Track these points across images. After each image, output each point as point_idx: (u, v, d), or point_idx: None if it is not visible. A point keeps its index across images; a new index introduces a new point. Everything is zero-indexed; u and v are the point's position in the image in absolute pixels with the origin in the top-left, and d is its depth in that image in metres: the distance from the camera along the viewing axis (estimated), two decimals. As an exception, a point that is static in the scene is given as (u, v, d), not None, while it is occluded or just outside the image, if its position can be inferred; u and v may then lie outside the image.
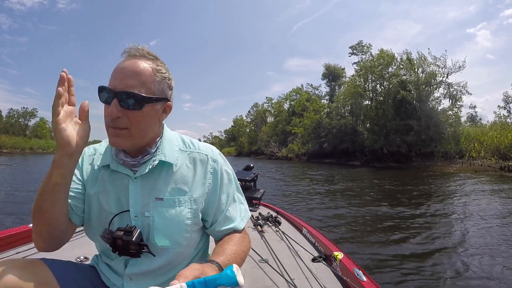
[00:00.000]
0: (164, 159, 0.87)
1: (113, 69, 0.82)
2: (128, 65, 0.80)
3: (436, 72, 27.44)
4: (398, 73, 29.06)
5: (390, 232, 4.86)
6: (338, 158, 32.08)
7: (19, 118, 61.03)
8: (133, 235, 0.79)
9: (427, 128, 25.56)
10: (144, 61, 0.81)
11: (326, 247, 1.97)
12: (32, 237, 0.84)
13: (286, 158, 42.36)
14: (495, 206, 7.10)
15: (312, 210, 6.79)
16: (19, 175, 13.75)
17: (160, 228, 0.85)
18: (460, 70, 26.67)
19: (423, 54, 28.20)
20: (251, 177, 3.85)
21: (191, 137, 0.99)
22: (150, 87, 0.80)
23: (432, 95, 27.80)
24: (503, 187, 10.75)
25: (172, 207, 0.86)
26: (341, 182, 12.98)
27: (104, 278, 0.91)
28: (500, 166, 17.75)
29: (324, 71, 49.34)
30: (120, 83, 0.78)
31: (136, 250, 0.80)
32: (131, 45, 0.84)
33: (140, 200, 0.85)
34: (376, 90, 31.93)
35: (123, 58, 0.83)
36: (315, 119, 37.81)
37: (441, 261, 3.57)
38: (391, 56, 29.67)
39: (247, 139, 67.15)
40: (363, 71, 32.01)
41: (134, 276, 0.86)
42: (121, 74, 0.79)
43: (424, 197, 8.76)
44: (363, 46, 39.99)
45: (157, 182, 0.87)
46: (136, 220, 0.85)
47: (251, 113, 74.55)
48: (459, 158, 22.41)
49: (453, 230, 4.97)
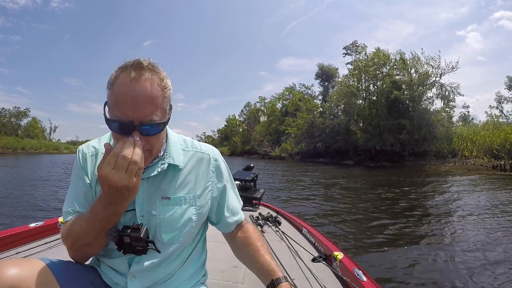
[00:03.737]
0: (172, 162, 0.90)
1: (120, 90, 0.75)
2: (140, 91, 0.75)
3: (429, 73, 27.75)
4: (391, 73, 29.28)
5: (390, 231, 4.85)
6: (331, 158, 32.34)
7: (11, 117, 59.67)
8: (141, 231, 0.81)
9: (419, 127, 25.91)
10: (152, 80, 0.77)
11: (326, 247, 1.96)
12: (32, 237, 0.88)
13: (279, 157, 42.53)
14: (492, 204, 7.15)
15: (310, 209, 6.75)
16: (17, 175, 13.57)
17: (167, 226, 0.88)
18: (453, 70, 27.07)
19: (416, 54, 28.47)
20: (251, 177, 3.85)
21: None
22: (163, 107, 0.80)
23: (425, 95, 28.10)
24: (497, 185, 10.89)
25: (178, 205, 0.90)
26: (338, 182, 13.00)
27: (106, 277, 0.92)
28: (492, 165, 18.04)
29: (318, 71, 49.59)
30: (137, 114, 0.75)
31: (143, 247, 0.82)
32: (132, 60, 0.78)
33: (146, 200, 0.88)
34: (369, 90, 32.15)
35: (127, 76, 0.75)
36: (308, 118, 38.00)
37: (441, 261, 3.56)
38: (386, 56, 29.93)
39: (240, 138, 67.11)
40: (357, 70, 32.20)
41: (137, 273, 0.88)
42: (136, 105, 0.75)
43: (420, 195, 8.84)
44: (357, 46, 40.15)
45: (163, 182, 0.90)
46: (142, 219, 0.87)
47: (244, 112, 74.58)
48: (451, 157, 22.72)
49: (451, 229, 4.98)
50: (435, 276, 3.13)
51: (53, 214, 5.55)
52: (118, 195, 0.73)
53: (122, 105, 0.75)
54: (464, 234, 4.60)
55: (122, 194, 0.73)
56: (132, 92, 0.74)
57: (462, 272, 3.19)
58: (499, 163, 17.83)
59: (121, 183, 0.71)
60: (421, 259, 3.60)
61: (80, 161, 0.93)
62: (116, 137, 0.80)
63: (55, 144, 67.89)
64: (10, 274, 0.69)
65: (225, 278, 1.69)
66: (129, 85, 0.74)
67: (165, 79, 0.81)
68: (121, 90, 0.75)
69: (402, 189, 10.09)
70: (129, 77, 0.75)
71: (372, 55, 31.35)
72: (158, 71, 0.79)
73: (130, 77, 0.75)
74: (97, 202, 0.78)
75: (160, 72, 0.80)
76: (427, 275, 3.17)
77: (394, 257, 3.69)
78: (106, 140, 0.94)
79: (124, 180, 0.71)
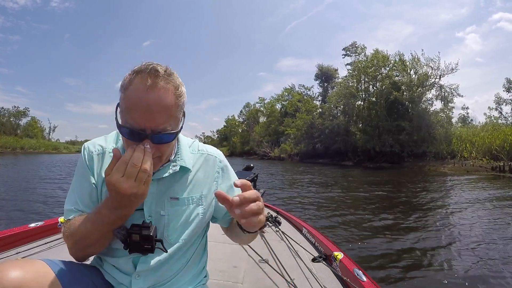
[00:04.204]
0: (184, 165, 0.91)
1: (133, 96, 0.74)
2: (154, 100, 0.74)
3: (429, 74, 27.71)
4: (391, 74, 29.27)
5: (389, 231, 4.86)
6: (331, 158, 32.27)
7: (10, 117, 59.75)
8: (151, 229, 0.81)
9: (419, 128, 25.86)
10: (167, 89, 0.76)
11: (326, 247, 1.96)
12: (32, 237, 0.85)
13: (278, 158, 42.46)
14: (491, 206, 7.16)
15: (309, 210, 6.76)
16: (17, 174, 13.54)
17: (175, 225, 0.89)
18: (453, 72, 27.02)
19: (416, 55, 28.45)
20: (251, 177, 3.83)
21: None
22: (176, 115, 0.80)
23: (424, 96, 28.05)
24: (497, 185, 11.03)
25: (186, 206, 0.91)
26: (338, 182, 12.99)
27: (109, 277, 0.91)
28: (491, 166, 18.04)
29: (317, 71, 49.57)
30: (150, 123, 0.75)
31: (151, 246, 0.81)
32: (149, 65, 0.75)
33: (155, 200, 0.88)
34: (368, 91, 32.11)
35: (142, 83, 0.74)
36: (307, 119, 37.96)
37: (441, 260, 3.57)
38: (385, 57, 29.89)
39: (240, 139, 67.01)
40: (356, 71, 32.14)
41: (142, 272, 0.88)
42: (149, 113, 0.74)
43: (420, 196, 8.81)
44: (356, 47, 40.12)
45: (172, 183, 0.90)
46: (149, 219, 0.87)
47: (243, 113, 74.46)
48: (450, 158, 22.72)
49: (451, 229, 5.00)
50: (435, 276, 3.14)
51: (53, 214, 5.55)
52: (125, 201, 0.73)
53: (134, 112, 0.74)
54: (463, 235, 4.60)
55: (130, 201, 0.74)
56: (146, 100, 0.73)
57: (461, 273, 3.21)
58: (498, 164, 17.86)
59: (130, 191, 0.71)
60: (421, 259, 3.60)
61: (85, 159, 0.91)
62: (126, 142, 0.80)
63: (54, 144, 68.04)
64: (13, 276, 0.69)
65: (225, 278, 1.69)
66: (143, 92, 0.73)
67: (180, 86, 0.80)
68: (135, 96, 0.74)
69: (402, 190, 10.08)
70: (144, 84, 0.73)
71: (371, 56, 31.33)
72: (174, 79, 0.78)
73: (145, 84, 0.73)
74: (103, 205, 0.78)
75: (175, 80, 0.79)
76: (427, 275, 3.18)
77: (394, 257, 3.70)
78: (113, 139, 0.94)
79: (133, 188, 0.71)
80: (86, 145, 0.94)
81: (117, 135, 0.95)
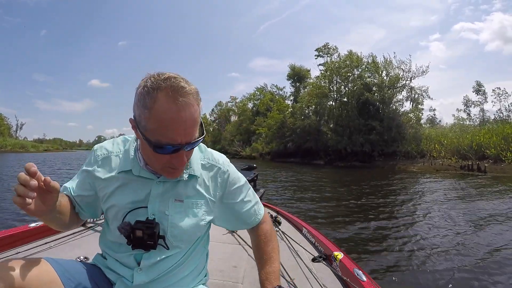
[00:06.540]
0: (193, 173, 0.93)
1: (166, 117, 0.74)
2: (187, 117, 0.76)
3: (400, 76, 28.21)
4: (363, 75, 29.53)
5: (389, 231, 4.83)
6: (302, 158, 32.18)
7: (-26, 114, 54.84)
8: (153, 226, 0.84)
9: (389, 129, 26.23)
10: (194, 103, 0.77)
11: (326, 247, 1.96)
12: (32, 237, 0.98)
13: (250, 157, 42.05)
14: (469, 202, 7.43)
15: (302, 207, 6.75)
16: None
17: (177, 225, 0.90)
18: (423, 74, 27.66)
19: (389, 57, 28.89)
20: (251, 177, 3.99)
21: None
22: (200, 120, 0.82)
23: (395, 97, 28.53)
24: (466, 184, 11.38)
25: (190, 209, 0.92)
26: (313, 181, 13.08)
27: (110, 274, 0.93)
28: (460, 165, 18.51)
29: (289, 71, 49.41)
30: (186, 138, 0.78)
31: (154, 242, 0.84)
32: (169, 81, 0.74)
33: (159, 200, 0.89)
34: (340, 91, 32.20)
35: (172, 102, 0.74)
36: (279, 118, 37.80)
37: (441, 260, 3.55)
38: (359, 58, 30.17)
39: (211, 138, 65.88)
40: (329, 72, 32.18)
41: (144, 267, 0.89)
42: (184, 130, 0.76)
43: (402, 196, 8.83)
44: (329, 48, 40.28)
45: (178, 186, 0.91)
46: (153, 217, 0.88)
47: (215, 112, 73.27)
48: (420, 157, 23.11)
49: (450, 229, 4.95)
50: (435, 276, 3.13)
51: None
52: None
53: (170, 132, 0.75)
54: (465, 236, 4.52)
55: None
56: (179, 121, 0.74)
57: (460, 273, 3.20)
58: (467, 163, 18.35)
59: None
60: (421, 259, 3.58)
61: (91, 160, 0.95)
62: (155, 155, 0.80)
63: (21, 142, 62.94)
64: (15, 274, 0.70)
65: (225, 278, 1.69)
66: (176, 113, 0.74)
67: (198, 93, 0.80)
68: (167, 118, 0.74)
69: (377, 189, 10.24)
70: (174, 104, 0.73)
71: (344, 57, 31.48)
72: (194, 88, 0.78)
73: (175, 103, 0.73)
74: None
75: (195, 88, 0.79)
76: (427, 275, 3.17)
77: (394, 257, 3.67)
78: (121, 144, 0.97)
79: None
80: (95, 148, 0.98)
81: (125, 139, 0.98)
